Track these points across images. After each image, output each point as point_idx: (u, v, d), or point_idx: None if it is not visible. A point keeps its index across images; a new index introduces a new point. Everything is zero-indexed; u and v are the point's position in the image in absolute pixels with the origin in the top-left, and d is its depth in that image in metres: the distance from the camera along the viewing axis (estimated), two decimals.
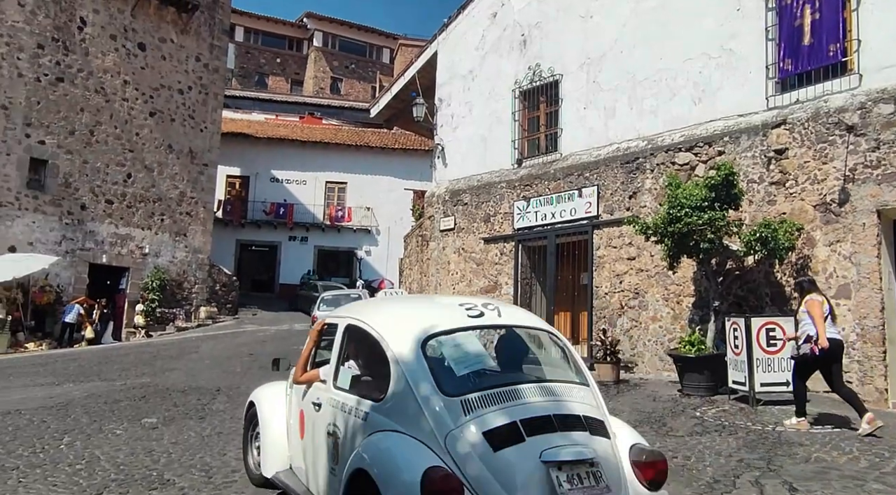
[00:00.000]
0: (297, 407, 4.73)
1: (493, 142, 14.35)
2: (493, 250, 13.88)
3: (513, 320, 4.13)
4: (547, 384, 3.66)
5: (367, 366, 4.10)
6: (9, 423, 7.88)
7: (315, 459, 4.24)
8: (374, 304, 5.62)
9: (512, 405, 3.39)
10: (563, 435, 3.32)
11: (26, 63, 20.65)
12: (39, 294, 20.03)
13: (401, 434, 3.44)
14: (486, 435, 3.25)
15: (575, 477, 3.21)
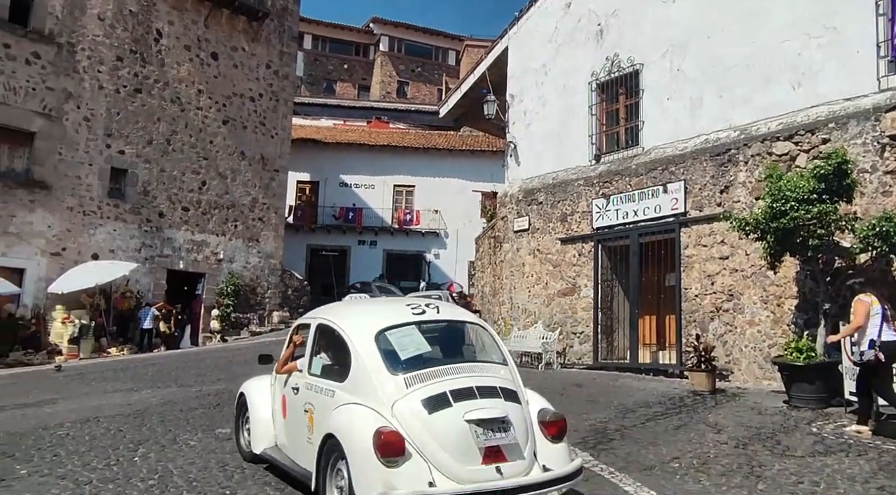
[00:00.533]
0: (279, 393, 5.77)
1: (569, 138, 13.70)
2: (570, 251, 13.23)
3: (449, 316, 5.26)
4: (473, 363, 4.78)
5: (334, 355, 5.15)
6: (86, 432, 7.81)
7: (295, 432, 5.30)
8: (339, 307, 6.66)
9: (443, 379, 4.38)
10: (482, 401, 4.30)
11: (106, 75, 21.28)
12: (121, 300, 20.56)
13: (359, 405, 4.44)
14: (423, 402, 4.26)
15: (489, 431, 4.21)
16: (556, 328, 13.04)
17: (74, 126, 20.47)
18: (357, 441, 4.20)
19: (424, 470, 4.08)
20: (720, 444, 6.52)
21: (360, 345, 4.68)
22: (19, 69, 19.36)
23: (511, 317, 14.33)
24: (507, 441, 4.25)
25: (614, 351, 12.68)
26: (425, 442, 4.15)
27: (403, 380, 4.40)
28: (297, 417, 5.22)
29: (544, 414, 4.63)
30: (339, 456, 4.36)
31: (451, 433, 4.16)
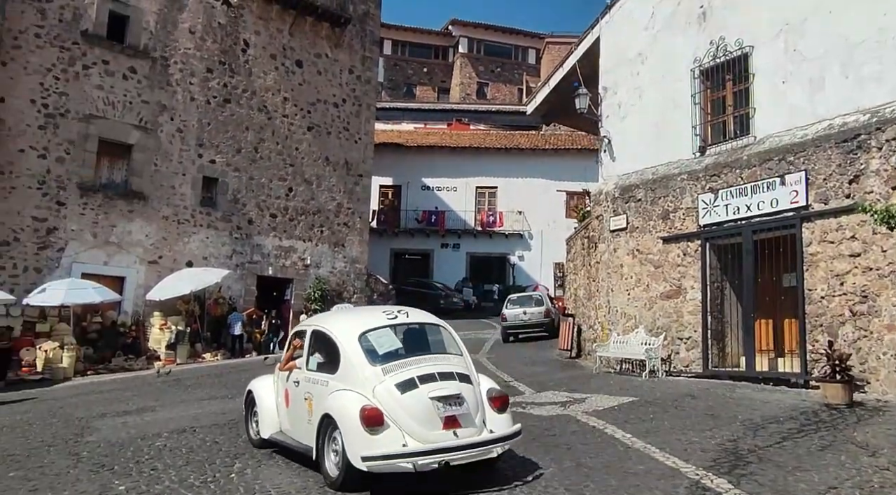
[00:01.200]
0: (282, 387, 6.95)
1: (669, 130, 12.79)
2: (674, 251, 12.33)
3: (416, 319, 6.61)
4: (435, 355, 6.13)
5: (327, 354, 6.36)
6: (183, 443, 7.67)
7: (297, 417, 6.49)
8: (329, 316, 8.28)
9: (412, 368, 5.72)
10: (442, 383, 5.61)
11: (197, 87, 21.82)
12: (214, 306, 20.98)
13: (348, 390, 5.73)
14: (396, 385, 5.56)
15: (447, 405, 5.51)
16: (659, 333, 12.17)
17: (168, 137, 21.07)
18: (348, 416, 5.52)
19: (399, 435, 5.42)
20: (881, 470, 5.63)
21: (347, 345, 6.04)
22: (117, 84, 20.08)
23: (609, 322, 13.54)
24: (461, 412, 5.63)
25: (726, 358, 11.69)
26: (399, 415, 5.49)
27: (381, 370, 5.77)
28: (299, 405, 6.48)
29: (491, 392, 6.07)
30: (334, 430, 5.66)
31: (418, 407, 5.51)
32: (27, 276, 18.10)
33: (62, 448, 7.96)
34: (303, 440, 6.26)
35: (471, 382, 5.89)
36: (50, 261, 18.53)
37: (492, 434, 5.66)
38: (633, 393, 10.07)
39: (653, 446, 6.59)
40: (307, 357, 6.58)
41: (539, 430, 7.59)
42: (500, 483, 5.64)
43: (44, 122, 18.73)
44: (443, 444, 5.37)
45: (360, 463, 5.28)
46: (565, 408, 9.01)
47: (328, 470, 5.75)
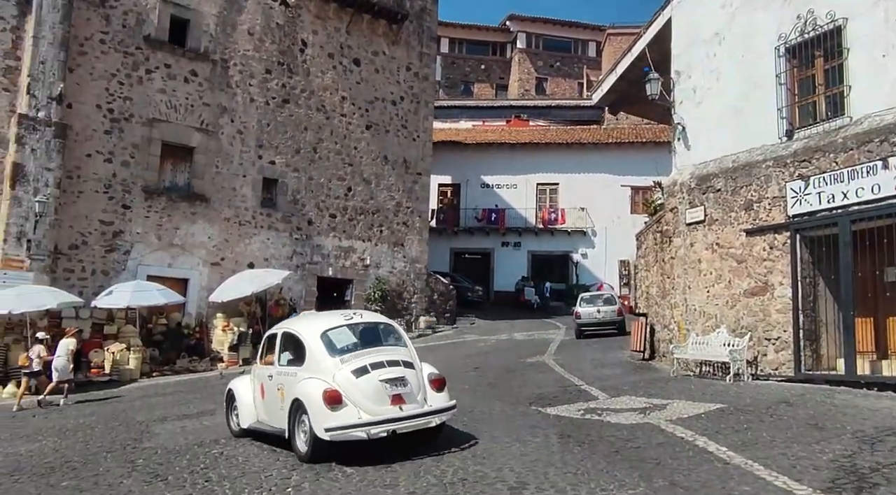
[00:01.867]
0: (258, 382, 8.00)
1: (751, 114, 11.82)
2: (759, 244, 11.36)
3: (369, 319, 8.02)
4: (383, 347, 7.40)
5: (295, 350, 7.47)
6: (240, 451, 7.32)
7: (272, 406, 7.51)
8: (296, 320, 9.43)
9: (364, 357, 7.06)
10: (389, 369, 6.97)
11: (257, 88, 21.83)
12: (275, 307, 20.92)
13: (313, 378, 6.93)
14: (352, 371, 6.88)
15: (394, 385, 6.86)
16: (743, 333, 11.23)
17: (229, 139, 21.14)
18: (313, 398, 6.68)
19: (355, 411, 6.61)
20: None
21: (312, 341, 7.25)
22: (179, 87, 20.25)
23: (686, 321, 12.64)
24: (405, 391, 6.84)
25: (820, 360, 10.67)
26: (355, 395, 6.69)
27: (339, 360, 6.99)
28: (273, 395, 7.58)
29: (431, 375, 7.26)
30: (303, 411, 6.77)
31: (370, 388, 6.73)
32: (95, 279, 18.39)
33: (119, 454, 7.74)
34: (276, 424, 7.45)
35: (413, 367, 7.21)
36: (117, 264, 18.79)
37: (430, 407, 6.95)
38: (719, 398, 9.23)
39: (754, 462, 5.82)
40: (279, 354, 7.75)
41: (619, 441, 6.90)
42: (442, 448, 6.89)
43: (109, 127, 19.02)
44: (390, 416, 6.69)
45: (323, 434, 6.50)
46: (645, 416, 8.27)
47: (298, 447, 6.91)
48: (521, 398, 10.02)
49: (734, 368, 10.89)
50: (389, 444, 6.71)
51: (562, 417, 8.37)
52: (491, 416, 8.55)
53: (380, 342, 7.46)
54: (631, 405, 9.18)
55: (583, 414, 8.57)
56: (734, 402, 8.86)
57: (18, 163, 17.15)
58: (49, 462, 7.61)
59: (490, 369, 14.09)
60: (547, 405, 9.32)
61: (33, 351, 13.94)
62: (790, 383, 10.41)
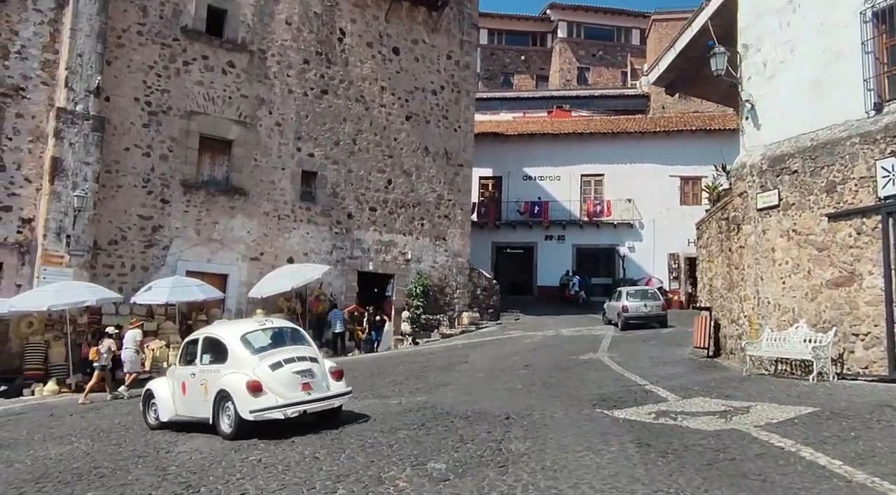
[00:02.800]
0: (179, 381, 9.19)
1: (832, 87, 10.73)
2: (843, 229, 10.27)
3: (278, 324, 9.67)
4: (292, 346, 8.84)
5: (217, 351, 8.85)
6: (280, 458, 6.66)
7: (195, 399, 8.83)
8: (216, 326, 10.60)
9: (278, 354, 8.47)
10: (299, 363, 8.39)
11: (295, 79, 21.34)
12: (315, 303, 20.40)
13: (236, 373, 8.29)
14: (269, 366, 8.24)
15: (303, 375, 8.29)
16: (827, 328, 10.18)
17: (267, 131, 20.69)
18: (238, 388, 7.99)
19: (273, 397, 7.98)
20: None
21: (234, 343, 8.58)
22: (216, 79, 19.86)
23: (759, 316, 11.60)
24: (312, 380, 8.35)
25: None
26: (272, 385, 8.06)
27: (258, 357, 8.34)
28: (196, 390, 8.75)
29: (331, 368, 8.78)
30: (227, 400, 8.08)
31: (284, 379, 8.16)
32: (135, 275, 18.11)
33: (152, 460, 7.16)
34: (199, 414, 8.67)
35: (317, 362, 8.73)
36: (156, 260, 18.49)
37: (332, 392, 8.51)
38: (808, 401, 8.25)
39: (882, 480, 4.90)
40: (200, 356, 8.99)
41: (709, 452, 6.02)
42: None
43: (147, 120, 18.71)
44: (302, 399, 8.16)
45: (248, 416, 7.85)
46: (728, 421, 7.35)
47: (223, 430, 8.21)
48: (582, 399, 9.18)
49: (818, 367, 9.85)
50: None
51: (633, 422, 7.51)
52: (553, 420, 7.73)
53: (289, 342, 8.94)
54: (707, 408, 8.26)
55: (655, 418, 7.70)
56: (827, 406, 7.88)
57: (57, 157, 16.93)
58: (77, 468, 7.07)
59: (541, 367, 13.26)
60: (613, 407, 8.46)
61: (103, 345, 13.95)
62: (884, 383, 9.33)
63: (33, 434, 9.93)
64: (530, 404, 8.95)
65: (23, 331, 16.27)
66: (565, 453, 6.11)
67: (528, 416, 7.99)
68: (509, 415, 8.07)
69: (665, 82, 16.22)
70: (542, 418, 7.87)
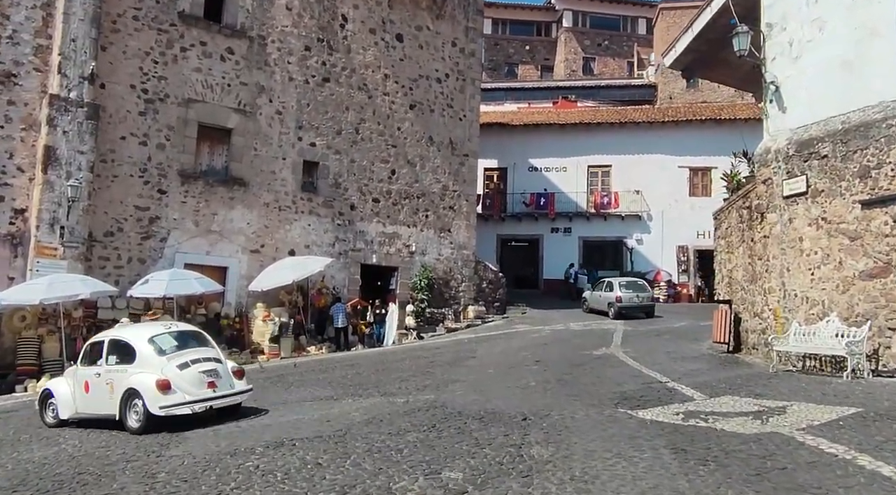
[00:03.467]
0: (82, 380, 9.70)
1: (865, 66, 10.12)
2: (879, 217, 9.67)
3: (183, 328, 10.33)
4: (197, 348, 9.57)
5: (123, 353, 9.44)
6: (278, 463, 6.09)
7: (99, 398, 9.41)
8: (120, 329, 11.17)
9: (185, 356, 9.22)
10: (205, 363, 9.21)
11: (296, 66, 20.71)
12: (318, 296, 19.85)
13: (144, 372, 8.93)
14: (177, 366, 8.97)
15: (209, 374, 9.11)
16: (861, 322, 9.59)
17: (267, 120, 20.09)
18: (147, 386, 8.70)
19: (181, 394, 8.77)
20: None
21: (141, 345, 9.30)
22: (215, 66, 19.24)
23: (784, 309, 11.01)
24: (217, 378, 9.20)
25: None
26: (180, 383, 8.84)
27: (166, 358, 9.10)
28: (101, 389, 9.31)
29: (233, 368, 9.65)
30: (136, 397, 8.76)
31: (192, 378, 8.99)
32: (131, 267, 17.55)
33: (141, 464, 6.61)
34: (103, 411, 9.21)
35: (221, 362, 9.52)
36: (153, 252, 17.92)
37: (235, 389, 9.27)
38: (846, 400, 7.68)
39: None
40: (106, 357, 9.49)
41: (754, 459, 5.43)
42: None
43: (144, 108, 18.11)
44: (208, 396, 8.89)
45: (157, 411, 8.48)
46: (765, 423, 6.78)
47: (131, 425, 8.76)
48: (602, 398, 8.61)
49: (852, 363, 9.27)
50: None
51: (662, 423, 6.93)
52: (574, 421, 7.16)
53: (194, 344, 9.63)
54: (739, 408, 7.68)
55: (685, 419, 7.12)
56: (870, 406, 7.29)
57: (50, 145, 16.33)
58: (60, 474, 6.53)
59: (553, 363, 12.69)
60: (636, 406, 7.89)
61: None
62: None
63: (20, 433, 9.42)
64: (547, 403, 8.38)
65: (15, 326, 15.73)
66: (594, 460, 5.53)
67: (546, 417, 7.42)
68: (526, 416, 7.50)
69: (681, 66, 15.58)
70: (561, 419, 7.30)
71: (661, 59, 39.13)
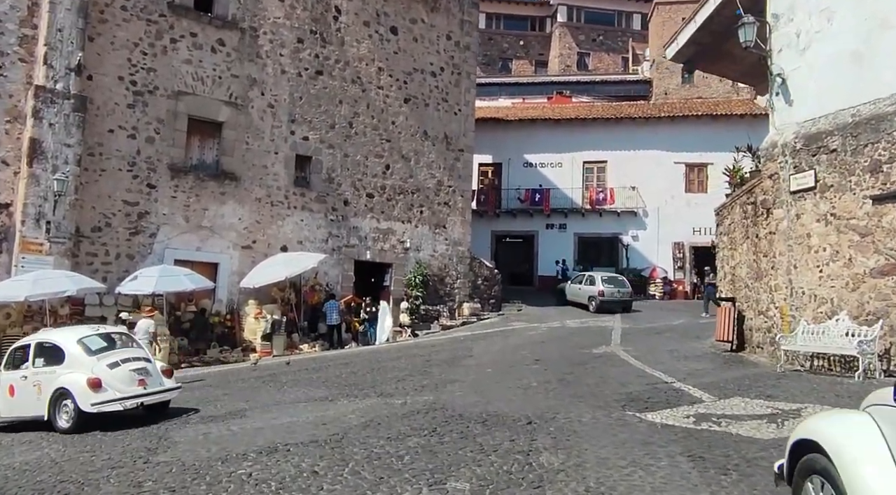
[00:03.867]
0: (7, 384, 9.91)
1: (876, 58, 9.85)
2: (890, 213, 9.42)
3: (109, 330, 10.59)
4: (126, 348, 9.94)
5: (51, 355, 9.64)
6: (272, 471, 5.75)
7: (26, 400, 9.61)
8: (48, 332, 11.15)
9: (115, 355, 9.59)
10: (134, 362, 9.61)
11: (288, 59, 20.31)
12: (311, 293, 19.48)
13: (75, 372, 9.19)
14: (107, 365, 9.32)
15: (139, 373, 9.51)
16: (872, 321, 9.34)
17: (259, 113, 19.68)
18: (78, 385, 8.99)
19: (112, 392, 9.08)
20: None
21: (71, 347, 9.55)
22: (206, 58, 18.82)
23: (791, 307, 10.75)
24: (147, 376, 9.53)
25: None
26: (111, 381, 9.17)
27: (96, 358, 9.41)
28: (27, 391, 9.55)
29: (162, 367, 10.12)
30: (67, 397, 9.06)
31: (122, 376, 9.33)
32: (120, 263, 17.14)
33: (127, 471, 6.26)
34: (31, 413, 9.47)
35: (150, 361, 9.97)
36: (142, 248, 17.51)
37: (165, 387, 9.66)
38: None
39: None
40: (33, 360, 9.71)
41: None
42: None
43: (132, 100, 17.67)
44: (139, 393, 9.27)
45: (89, 409, 8.77)
46: (780, 427, 6.50)
47: (61, 425, 9.01)
48: (608, 399, 8.31)
49: (864, 363, 9.02)
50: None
51: (674, 428, 6.64)
52: (582, 425, 6.86)
53: (121, 345, 9.95)
54: (752, 410, 7.40)
55: (696, 423, 6.84)
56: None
57: (36, 138, 15.90)
58: (41, 481, 6.17)
59: (553, 362, 12.41)
60: (644, 409, 7.60)
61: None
62: None
63: (1, 437, 9.03)
64: (551, 405, 8.08)
65: (0, 323, 15.31)
66: (608, 469, 5.22)
67: (552, 421, 7.11)
68: (531, 419, 7.19)
69: (683, 58, 15.28)
70: (568, 423, 6.99)
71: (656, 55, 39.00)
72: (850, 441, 3.21)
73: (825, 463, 3.24)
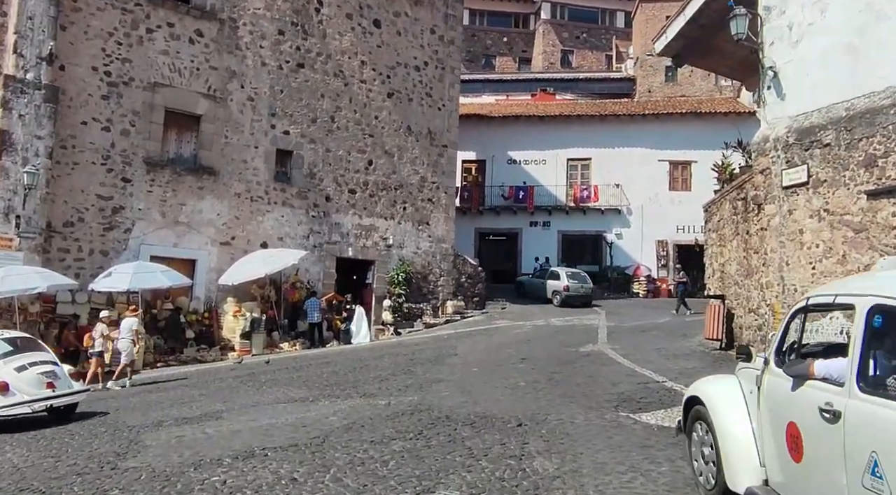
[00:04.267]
0: None
1: (871, 51, 9.64)
2: (885, 209, 9.22)
3: (15, 335, 10.52)
4: (33, 352, 9.85)
5: None
6: (249, 478, 5.39)
7: None
8: None
9: (22, 359, 9.52)
10: (41, 366, 9.51)
11: (268, 51, 19.84)
12: (291, 291, 19.05)
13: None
14: (14, 369, 9.24)
15: (47, 376, 9.43)
16: None
17: (239, 106, 19.20)
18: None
19: (20, 395, 9.01)
20: None
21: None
22: (183, 49, 18.30)
23: (783, 304, 10.56)
24: (56, 379, 9.48)
25: None
26: (19, 385, 9.10)
27: (3, 362, 9.35)
28: None
29: (69, 371, 10.41)
30: None
31: (30, 379, 9.27)
32: (93, 260, 16.60)
33: (92, 478, 5.86)
34: None
35: (58, 364, 9.93)
36: (117, 243, 16.98)
37: (73, 389, 9.74)
38: None
39: None
40: None
41: None
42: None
43: (107, 92, 17.12)
44: (47, 395, 9.24)
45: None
46: None
47: None
48: (599, 399, 8.04)
49: None
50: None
51: (671, 430, 6.35)
52: (575, 427, 6.57)
53: (27, 349, 9.89)
54: None
55: None
56: None
57: (5, 130, 15.34)
58: (1, 490, 5.75)
59: (540, 361, 12.14)
60: (638, 410, 7.34)
61: (96, 330, 13.02)
62: None
63: None
64: (541, 406, 7.78)
65: None
66: (606, 475, 4.93)
67: (543, 422, 6.82)
68: (521, 421, 6.88)
69: (672, 52, 15.04)
70: (560, 424, 6.70)
71: (639, 52, 38.98)
72: (719, 395, 4.50)
73: (705, 412, 4.48)
